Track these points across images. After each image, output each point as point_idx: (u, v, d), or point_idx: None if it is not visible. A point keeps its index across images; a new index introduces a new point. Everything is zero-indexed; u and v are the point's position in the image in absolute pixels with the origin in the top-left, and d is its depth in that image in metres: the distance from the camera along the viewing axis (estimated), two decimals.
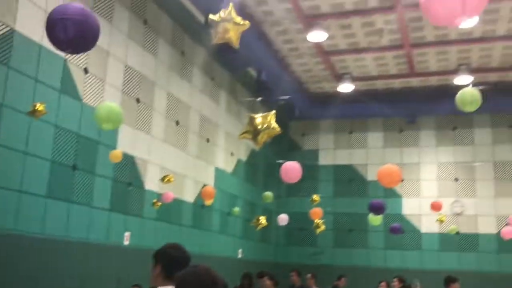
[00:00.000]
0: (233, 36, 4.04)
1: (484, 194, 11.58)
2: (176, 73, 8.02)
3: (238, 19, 4.14)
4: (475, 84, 8.90)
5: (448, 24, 2.57)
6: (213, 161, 9.28)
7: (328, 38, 9.32)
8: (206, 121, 9.05)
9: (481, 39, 9.26)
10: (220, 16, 4.16)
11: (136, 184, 6.97)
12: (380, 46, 9.72)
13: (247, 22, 4.21)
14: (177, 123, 8.05)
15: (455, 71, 10.45)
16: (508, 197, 11.39)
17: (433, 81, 11.30)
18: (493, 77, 10.80)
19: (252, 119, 4.51)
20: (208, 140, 9.10)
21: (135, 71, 6.98)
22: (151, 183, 7.27)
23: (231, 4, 4.16)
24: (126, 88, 6.79)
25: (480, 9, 2.50)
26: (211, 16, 4.18)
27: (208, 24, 7.75)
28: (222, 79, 9.73)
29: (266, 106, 11.25)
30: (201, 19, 8.54)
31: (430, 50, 9.78)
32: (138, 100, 7.05)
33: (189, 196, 8.34)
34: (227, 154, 9.89)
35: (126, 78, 6.80)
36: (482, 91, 4.77)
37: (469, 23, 6.75)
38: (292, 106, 11.74)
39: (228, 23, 4.08)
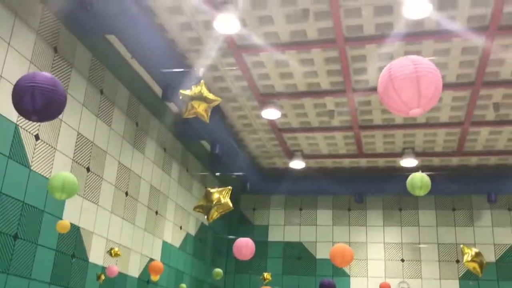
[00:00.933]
0: (204, 111, 4.14)
1: (429, 275, 11.81)
2: (129, 143, 8.00)
3: (211, 96, 4.26)
4: (419, 167, 9.38)
5: (403, 114, 2.83)
6: (161, 235, 9.08)
7: (281, 116, 9.67)
8: (156, 193, 8.95)
9: (425, 125, 9.86)
10: (192, 92, 4.27)
11: (80, 256, 6.69)
12: (331, 126, 10.15)
13: (219, 98, 4.34)
14: (127, 194, 7.92)
15: (401, 154, 10.95)
16: (452, 279, 11.66)
17: (381, 162, 11.76)
18: (436, 161, 11.39)
19: (208, 193, 4.53)
20: (157, 213, 8.94)
21: (87, 140, 6.91)
22: (96, 255, 7.00)
23: (202, 81, 4.29)
24: (77, 156, 6.69)
25: (434, 103, 2.77)
26: (182, 91, 4.29)
27: (165, 97, 7.93)
28: (175, 151, 9.75)
29: (219, 180, 11.30)
30: (158, 91, 8.69)
31: (377, 132, 10.27)
32: (88, 169, 6.93)
33: (134, 271, 8.05)
34: (175, 228, 9.72)
35: (77, 146, 6.71)
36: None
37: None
38: (244, 180, 11.83)
39: (199, 100, 4.19)
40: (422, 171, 5.06)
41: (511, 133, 9.90)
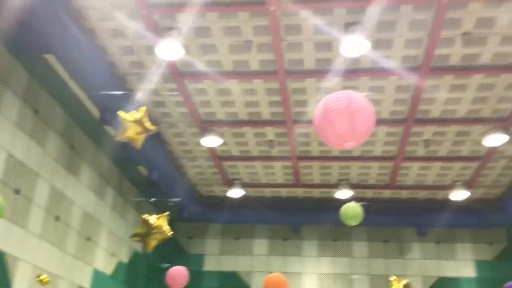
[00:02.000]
0: (138, 138, 4.10)
1: None
2: (62, 166, 7.73)
3: (149, 124, 4.24)
4: (354, 199, 9.70)
5: (337, 146, 2.96)
6: (91, 262, 8.76)
7: (222, 144, 9.71)
8: (89, 218, 8.66)
9: (360, 158, 10.22)
10: (130, 116, 4.23)
11: (3, 283, 6.32)
12: (270, 156, 10.30)
13: (155, 127, 4.32)
14: (57, 218, 7.62)
15: (336, 185, 11.25)
16: None
17: (317, 193, 12.01)
18: (369, 193, 11.79)
19: (145, 221, 4.46)
20: (89, 239, 8.64)
21: (18, 161, 6.63)
22: (21, 283, 6.64)
23: (144, 108, 4.27)
24: (6, 177, 6.39)
25: (367, 137, 2.93)
26: (121, 114, 4.23)
27: (103, 120, 7.77)
28: (111, 176, 9.51)
29: (155, 206, 11.09)
30: (96, 114, 8.52)
31: (314, 163, 10.53)
32: (17, 191, 6.63)
33: None
34: (107, 255, 9.41)
35: (8, 167, 6.42)
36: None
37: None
38: (181, 208, 11.69)
39: (137, 125, 4.16)
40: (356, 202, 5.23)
41: (440, 169, 10.46)
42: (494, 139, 8.85)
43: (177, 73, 7.76)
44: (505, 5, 6.31)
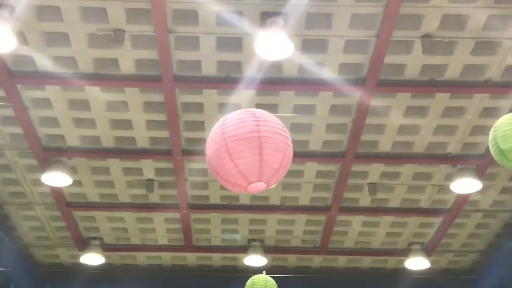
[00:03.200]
0: None
1: None
2: None
3: None
4: (268, 268, 9.84)
5: (239, 189, 3.01)
6: None
7: (72, 184, 9.52)
8: None
9: (279, 208, 10.45)
10: None
11: None
12: (148, 203, 10.25)
13: None
14: None
15: (245, 249, 11.43)
16: None
17: (216, 260, 12.12)
18: (292, 260, 12.03)
19: None
20: None
21: None
22: None
23: None
24: None
25: (281, 175, 2.99)
26: None
27: None
28: None
29: None
30: None
31: (213, 216, 10.65)
32: None
33: None
34: None
35: None
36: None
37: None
38: (7, 281, 11.28)
39: None
40: (268, 273, 5.28)
41: (391, 226, 10.87)
42: (465, 184, 9.36)
43: (5, 74, 7.55)
44: None
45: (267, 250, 11.43)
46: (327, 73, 7.63)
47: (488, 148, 6.34)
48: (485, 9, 6.86)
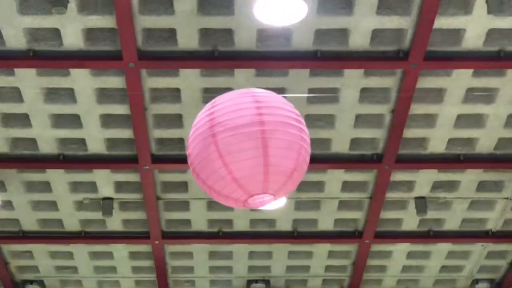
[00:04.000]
0: None
1: None
2: None
3: None
4: None
5: (235, 204, 2.95)
6: None
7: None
8: None
9: None
10: None
11: None
12: None
13: None
14: None
15: None
16: None
17: None
18: None
19: None
20: None
21: None
22: None
23: None
24: None
25: (295, 184, 2.95)
26: None
27: None
28: None
29: None
30: None
31: None
32: None
33: None
34: None
35: None
36: None
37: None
38: None
39: None
40: None
41: None
42: None
43: None
44: None
45: None
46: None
47: None
48: None
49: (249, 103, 2.96)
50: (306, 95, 8.25)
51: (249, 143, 2.92)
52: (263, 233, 10.47)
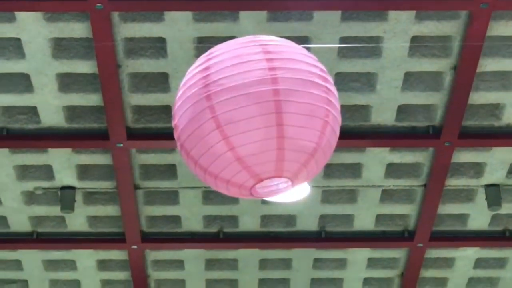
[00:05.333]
0: None
1: None
2: None
3: None
4: None
5: (238, 193, 2.95)
6: None
7: None
8: None
9: None
10: None
11: None
12: None
13: None
14: None
15: None
16: None
17: None
18: None
19: None
20: None
21: None
22: None
23: None
24: None
25: (320, 166, 2.93)
26: None
27: None
28: None
29: None
30: None
31: None
32: None
33: None
34: None
35: None
36: None
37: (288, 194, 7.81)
38: None
39: None
40: None
41: None
42: None
43: None
44: None
45: None
46: None
47: None
48: None
49: (257, 54, 2.94)
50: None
51: (257, 108, 2.91)
52: (279, 234, 10.54)
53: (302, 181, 2.99)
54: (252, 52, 2.91)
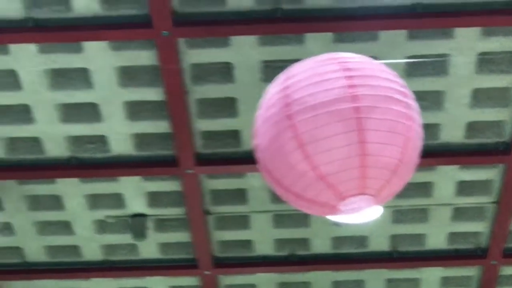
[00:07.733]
0: None
1: None
2: None
3: None
4: None
5: (320, 211, 2.93)
6: None
7: None
8: None
9: None
10: None
11: None
12: None
13: None
14: None
15: None
16: None
17: None
18: None
19: None
20: None
21: None
22: None
23: None
24: None
25: (405, 180, 2.92)
26: None
27: None
28: None
29: None
30: None
31: None
32: None
33: None
34: None
35: None
36: None
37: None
38: None
39: None
40: None
41: None
42: None
43: None
44: None
45: None
46: None
47: None
48: None
49: (336, 72, 2.93)
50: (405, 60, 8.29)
51: (338, 126, 2.90)
52: (351, 256, 10.51)
53: (386, 198, 2.98)
54: (331, 70, 2.90)
